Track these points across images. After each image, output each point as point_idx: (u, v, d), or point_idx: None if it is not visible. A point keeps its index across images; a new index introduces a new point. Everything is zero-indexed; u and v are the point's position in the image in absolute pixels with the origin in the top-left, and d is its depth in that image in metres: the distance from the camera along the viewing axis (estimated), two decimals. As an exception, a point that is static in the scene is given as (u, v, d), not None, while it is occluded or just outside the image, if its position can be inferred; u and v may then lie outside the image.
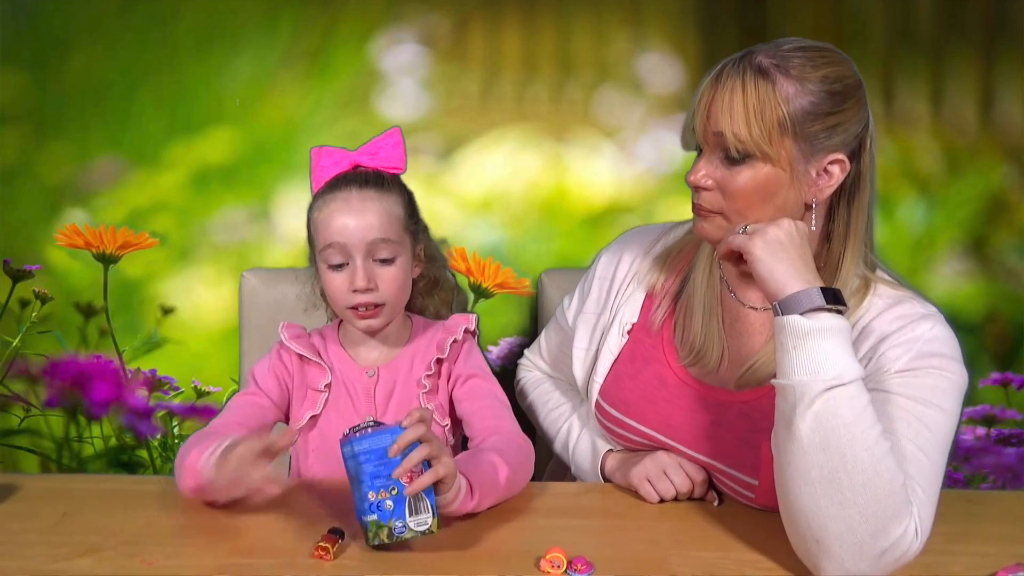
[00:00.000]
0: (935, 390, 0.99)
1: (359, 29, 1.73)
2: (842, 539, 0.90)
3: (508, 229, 1.76)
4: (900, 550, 0.91)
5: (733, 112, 0.97)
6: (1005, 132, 1.72)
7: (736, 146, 0.98)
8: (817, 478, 0.90)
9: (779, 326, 0.93)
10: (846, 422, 0.89)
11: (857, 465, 0.89)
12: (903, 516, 0.91)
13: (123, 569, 0.93)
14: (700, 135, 1.01)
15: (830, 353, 0.91)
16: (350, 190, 1.14)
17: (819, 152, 0.99)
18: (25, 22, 1.74)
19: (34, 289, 1.77)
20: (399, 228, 1.15)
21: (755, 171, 0.99)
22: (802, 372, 0.90)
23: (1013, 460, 1.75)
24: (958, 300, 1.73)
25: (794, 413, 0.90)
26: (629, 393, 1.16)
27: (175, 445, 1.81)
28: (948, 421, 0.99)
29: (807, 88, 0.97)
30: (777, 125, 0.96)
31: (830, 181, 1.00)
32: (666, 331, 1.16)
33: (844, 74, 0.99)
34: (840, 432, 0.89)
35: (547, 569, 0.92)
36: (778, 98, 0.96)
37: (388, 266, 1.14)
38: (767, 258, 0.94)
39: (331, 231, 1.13)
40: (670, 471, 1.11)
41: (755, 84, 0.97)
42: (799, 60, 0.98)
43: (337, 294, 1.14)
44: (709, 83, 1.01)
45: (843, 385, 0.90)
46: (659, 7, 1.71)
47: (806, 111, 0.97)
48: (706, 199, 1.02)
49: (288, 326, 1.22)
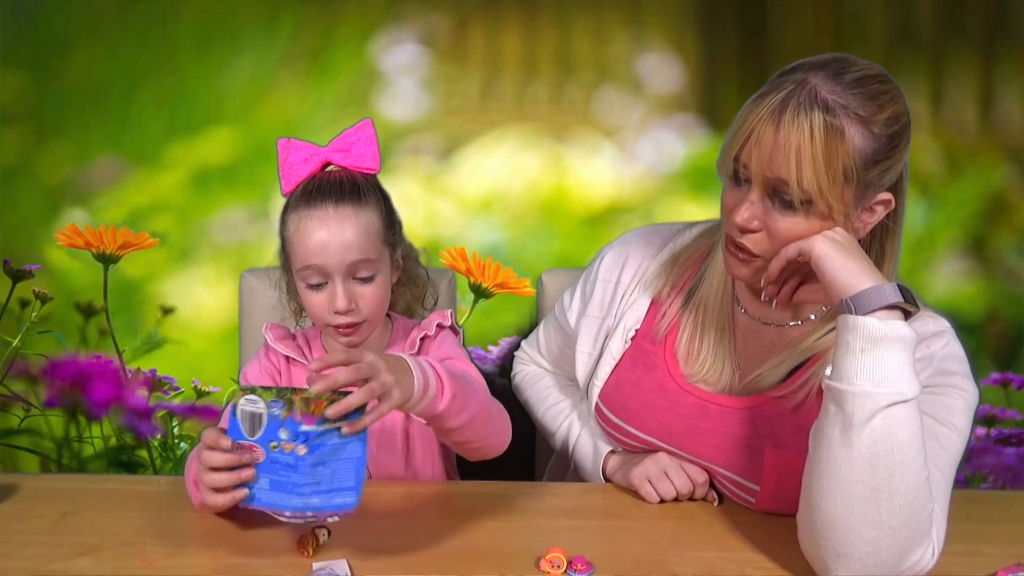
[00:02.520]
0: (951, 409, 0.98)
1: (359, 29, 1.73)
2: (867, 559, 0.89)
3: (508, 229, 1.76)
4: (916, 570, 0.91)
5: (802, 161, 0.91)
6: (1005, 132, 1.72)
7: (800, 196, 0.93)
8: (858, 494, 0.87)
9: (849, 324, 0.88)
10: (901, 442, 0.86)
11: (901, 487, 0.87)
12: (926, 540, 0.91)
13: (123, 569, 0.93)
14: (755, 173, 0.95)
15: (898, 366, 0.87)
16: (326, 207, 1.09)
17: (870, 192, 0.96)
18: (25, 22, 1.74)
19: (34, 289, 1.77)
20: (378, 244, 1.12)
21: (809, 218, 0.94)
22: (866, 380, 0.86)
23: (1013, 460, 1.75)
24: (958, 300, 1.73)
25: (850, 423, 0.87)
26: (629, 399, 1.15)
27: (175, 445, 1.81)
28: (960, 441, 0.99)
29: (872, 133, 0.92)
30: (842, 174, 0.92)
31: (872, 218, 0.98)
32: (670, 340, 1.14)
33: (901, 112, 0.95)
34: (893, 452, 0.86)
35: (547, 569, 0.92)
36: (847, 146, 0.91)
37: (368, 284, 1.11)
38: (833, 255, 0.91)
39: (308, 253, 1.09)
40: (671, 472, 1.11)
41: (824, 132, 0.91)
42: (862, 98, 0.92)
43: (317, 312, 1.12)
44: (769, 118, 0.93)
45: (905, 402, 0.86)
46: (659, 7, 1.71)
47: (868, 158, 0.93)
48: (752, 241, 0.98)
49: (272, 327, 1.22)
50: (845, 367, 0.88)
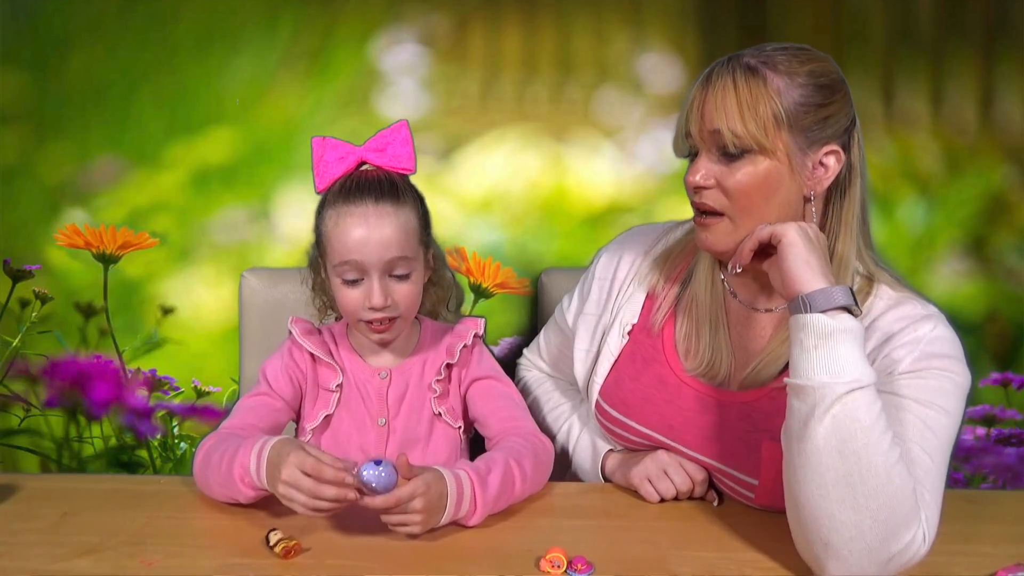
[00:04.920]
0: (939, 392, 0.98)
1: (359, 29, 1.73)
2: (852, 544, 0.90)
3: (508, 229, 1.76)
4: (908, 555, 0.91)
5: (727, 109, 0.99)
6: (1005, 132, 1.72)
7: (733, 141, 0.99)
8: (831, 481, 0.89)
9: (800, 323, 0.92)
10: (864, 426, 0.88)
11: (872, 470, 0.88)
12: (912, 522, 0.91)
13: (123, 569, 0.93)
14: (696, 136, 1.02)
15: (851, 355, 0.90)
16: (366, 204, 1.10)
17: (814, 144, 1.00)
18: (25, 22, 1.74)
19: (34, 289, 1.77)
20: (415, 242, 1.13)
21: (755, 166, 1.00)
22: (823, 373, 0.89)
23: (1013, 460, 1.75)
24: (958, 300, 1.73)
25: (812, 414, 0.89)
26: (630, 394, 1.16)
27: (175, 445, 1.81)
28: (951, 423, 0.99)
29: (796, 82, 0.99)
30: (772, 118, 0.98)
31: (827, 173, 1.02)
32: (667, 332, 1.16)
33: (828, 69, 1.02)
34: (858, 436, 0.88)
35: (547, 569, 0.92)
36: (770, 92, 0.98)
37: (404, 282, 1.12)
38: (801, 246, 0.94)
39: (347, 248, 1.10)
40: (670, 470, 1.11)
41: (746, 81, 0.99)
42: (784, 58, 1.00)
43: (351, 307, 1.13)
44: (699, 86, 1.02)
45: (862, 388, 0.89)
46: (659, 7, 1.71)
47: (798, 103, 0.99)
48: (708, 197, 1.03)
49: (298, 321, 1.21)
50: (802, 364, 0.91)
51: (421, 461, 1.16)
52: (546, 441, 1.15)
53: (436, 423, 1.19)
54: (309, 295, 1.23)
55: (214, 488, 1.06)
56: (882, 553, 0.90)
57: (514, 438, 1.12)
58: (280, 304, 1.47)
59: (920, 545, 0.91)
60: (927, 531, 0.92)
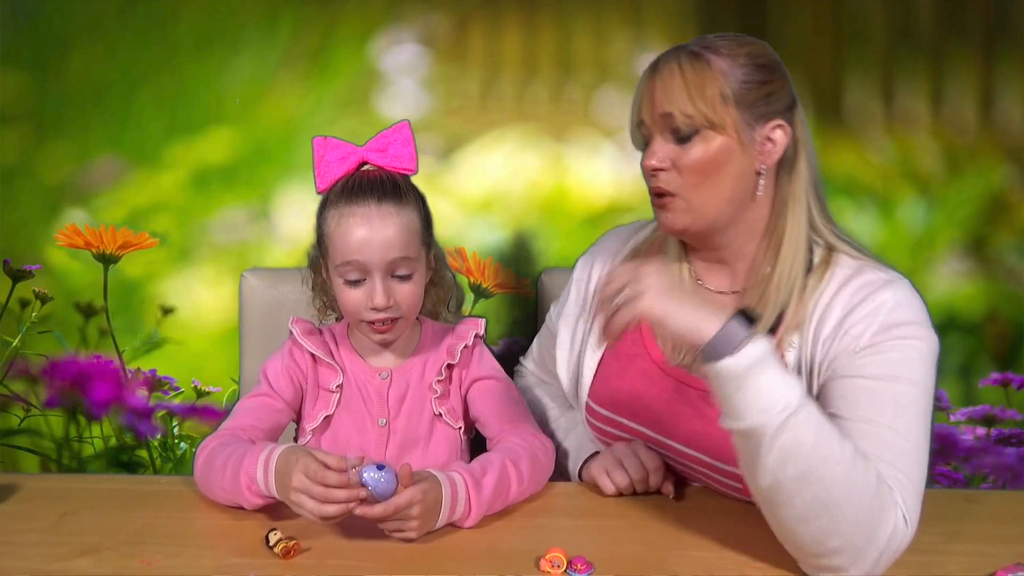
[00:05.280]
0: (901, 364, 0.98)
1: (359, 29, 1.73)
2: (842, 552, 0.90)
3: (508, 229, 1.76)
4: (895, 545, 0.91)
5: (676, 92, 1.03)
6: (1005, 132, 1.72)
7: (684, 122, 1.03)
8: (802, 506, 0.89)
9: (714, 373, 0.90)
10: (811, 446, 0.88)
11: (834, 481, 0.89)
12: (888, 511, 0.90)
13: (123, 569, 0.93)
14: (649, 121, 1.06)
15: (772, 383, 0.89)
16: (368, 205, 1.10)
17: (760, 119, 1.04)
18: (25, 22, 1.74)
19: (34, 289, 1.77)
20: (417, 243, 1.13)
21: (706, 144, 1.03)
22: (754, 412, 0.88)
23: (1013, 460, 1.75)
24: (958, 300, 1.73)
25: (759, 452, 0.89)
26: (617, 392, 1.17)
27: (175, 445, 1.81)
28: (921, 392, 0.98)
29: (738, 63, 1.04)
30: (719, 96, 1.02)
31: (775, 147, 1.05)
32: (645, 327, 1.16)
33: (766, 51, 1.07)
34: (809, 457, 0.88)
35: (547, 569, 0.92)
36: (714, 72, 1.03)
37: (406, 282, 1.12)
38: (671, 311, 0.92)
39: (350, 249, 1.10)
40: (626, 460, 1.12)
41: (691, 65, 1.03)
42: (724, 43, 1.05)
43: (353, 308, 1.13)
44: (647, 76, 1.07)
45: (795, 411, 0.88)
46: (659, 7, 1.71)
47: (741, 81, 1.03)
48: (663, 179, 1.06)
49: (298, 321, 1.21)
50: (731, 410, 0.90)
51: (421, 461, 1.16)
52: (546, 441, 1.15)
53: (436, 423, 1.19)
54: (309, 295, 1.23)
55: (217, 493, 1.06)
56: (871, 551, 0.90)
57: (513, 439, 1.12)
58: (280, 304, 1.47)
59: (903, 529, 0.91)
60: (907, 513, 0.92)
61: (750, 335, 0.89)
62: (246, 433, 1.11)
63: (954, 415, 1.76)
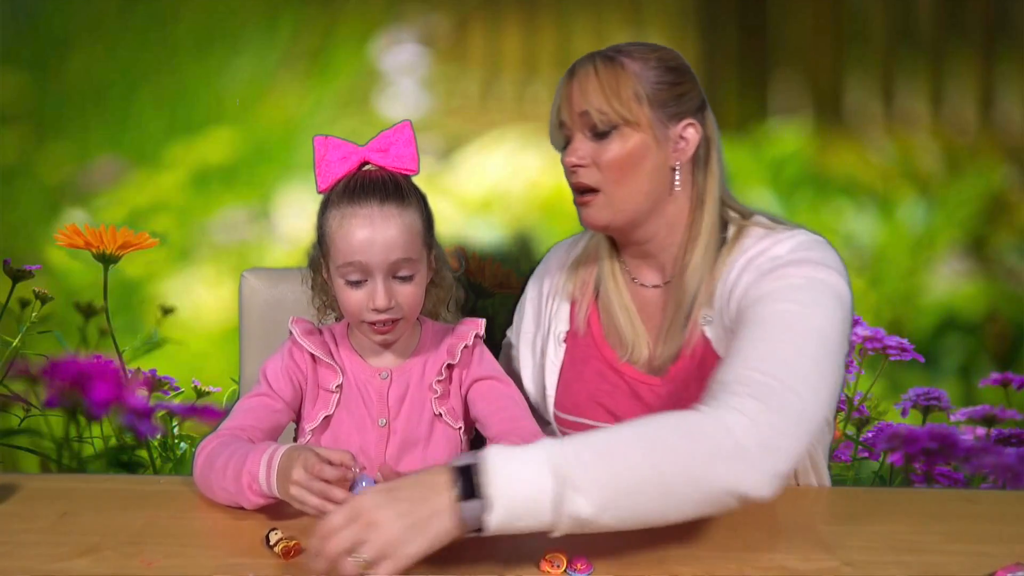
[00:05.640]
0: (781, 290, 0.99)
1: (359, 29, 1.73)
2: (714, 480, 0.87)
3: (508, 229, 1.76)
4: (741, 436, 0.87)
5: (592, 92, 1.09)
6: (1005, 132, 1.72)
7: (601, 120, 1.09)
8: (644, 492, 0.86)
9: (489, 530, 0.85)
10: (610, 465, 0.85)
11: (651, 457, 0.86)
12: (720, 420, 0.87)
13: (123, 569, 0.93)
14: (568, 121, 1.12)
15: (530, 473, 0.84)
16: (371, 205, 1.09)
17: (673, 118, 1.10)
18: (25, 22, 1.74)
19: (34, 289, 1.77)
20: (419, 244, 1.12)
21: (623, 140, 1.09)
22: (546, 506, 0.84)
23: (1013, 460, 1.75)
24: (958, 300, 1.73)
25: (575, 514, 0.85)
26: (578, 394, 1.20)
27: (175, 445, 1.81)
28: (812, 313, 0.96)
29: (649, 65, 1.10)
30: (633, 95, 1.08)
31: (688, 145, 1.11)
32: (595, 329, 1.21)
33: (675, 55, 1.13)
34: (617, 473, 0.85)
35: (547, 569, 0.92)
36: (628, 74, 1.09)
37: (407, 283, 1.12)
38: (417, 538, 0.84)
39: (352, 249, 1.09)
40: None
41: (605, 67, 1.10)
42: (635, 48, 1.12)
43: (354, 308, 1.12)
44: (564, 80, 1.13)
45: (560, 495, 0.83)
46: (659, 7, 1.71)
47: (653, 82, 1.09)
48: (584, 175, 1.11)
49: (298, 321, 1.21)
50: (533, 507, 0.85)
51: (421, 461, 1.16)
52: None
53: (437, 424, 1.19)
54: (309, 295, 1.23)
55: (218, 493, 1.06)
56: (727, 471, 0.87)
57: (513, 439, 1.12)
58: (280, 304, 1.47)
59: (742, 420, 0.87)
60: (744, 408, 0.88)
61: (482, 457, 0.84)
62: (245, 433, 1.11)
63: (954, 415, 1.76)
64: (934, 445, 1.72)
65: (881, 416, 1.78)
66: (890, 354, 1.72)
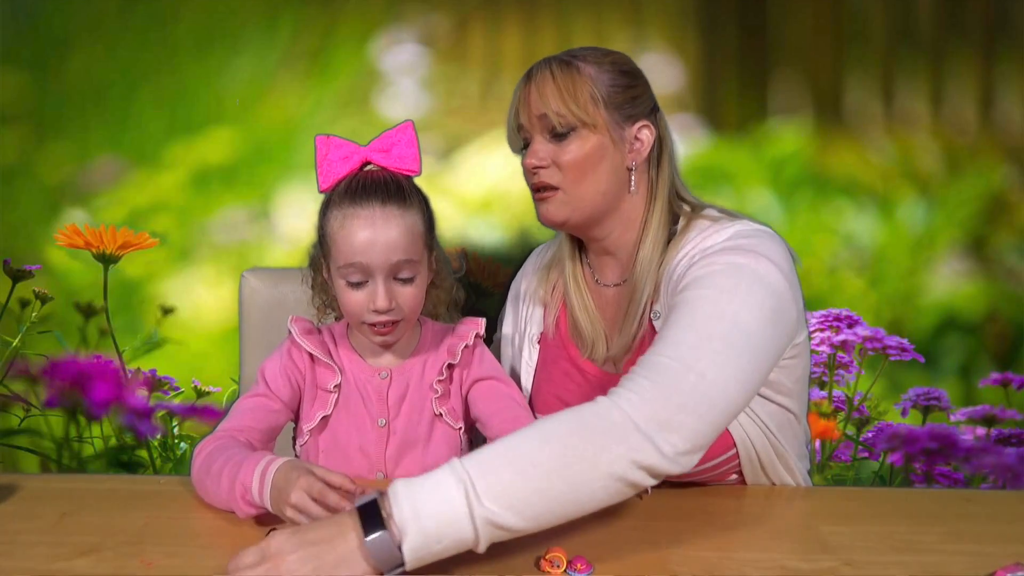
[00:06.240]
0: (701, 278, 1.00)
1: (359, 29, 1.73)
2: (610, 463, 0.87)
3: (508, 229, 1.76)
4: (620, 416, 0.88)
5: (550, 95, 1.12)
6: (1005, 132, 1.72)
7: (559, 122, 1.12)
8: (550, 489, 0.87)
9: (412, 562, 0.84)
10: (511, 470, 0.85)
11: (546, 451, 0.87)
12: (611, 407, 0.88)
13: (123, 569, 0.93)
14: (527, 124, 1.15)
15: (437, 493, 0.84)
16: (373, 206, 1.09)
17: (628, 119, 1.14)
18: (25, 22, 1.74)
19: (34, 289, 1.77)
20: (420, 245, 1.12)
21: (582, 141, 1.12)
22: (460, 523, 0.85)
23: (1013, 460, 1.75)
24: (958, 300, 1.73)
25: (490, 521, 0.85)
26: (548, 396, 1.23)
27: (175, 445, 1.81)
28: (722, 296, 0.96)
29: (604, 69, 1.13)
30: (589, 98, 1.12)
31: (643, 145, 1.15)
32: (563, 330, 1.25)
33: (627, 59, 1.17)
34: (519, 472, 0.86)
35: (547, 569, 0.92)
36: (584, 77, 1.12)
37: (408, 285, 1.11)
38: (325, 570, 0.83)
39: (353, 251, 1.09)
40: None
41: (562, 71, 1.13)
42: (589, 53, 1.15)
43: (355, 309, 1.12)
44: (521, 84, 1.16)
45: (470, 482, 0.84)
46: (659, 7, 1.71)
47: (608, 85, 1.13)
48: (545, 175, 1.14)
49: (297, 320, 1.20)
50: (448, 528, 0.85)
51: (421, 462, 1.16)
52: None
53: (437, 424, 1.19)
54: (309, 294, 1.23)
55: (213, 498, 1.06)
56: (623, 448, 0.87)
57: None
58: (280, 304, 1.47)
59: (627, 411, 0.88)
60: (632, 395, 0.89)
61: (383, 521, 0.83)
62: (243, 435, 1.11)
63: (954, 415, 1.76)
64: (934, 445, 1.72)
65: (881, 416, 1.78)
66: (890, 354, 1.72)
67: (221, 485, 1.03)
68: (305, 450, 1.20)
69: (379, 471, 1.16)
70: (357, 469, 1.15)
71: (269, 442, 1.16)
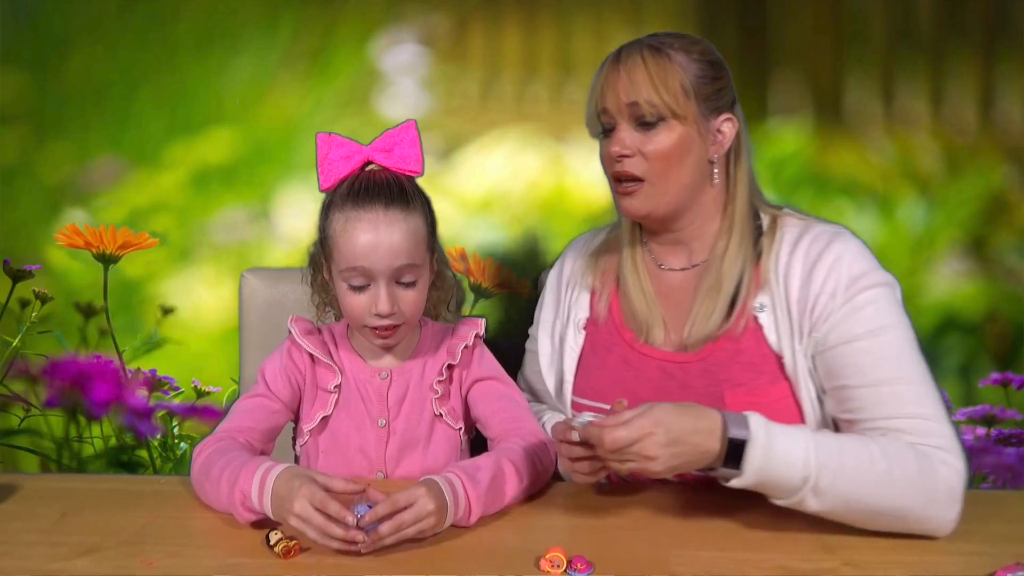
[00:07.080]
0: (879, 313, 1.06)
1: (359, 29, 1.73)
2: (916, 525, 0.99)
3: (508, 229, 1.76)
4: (953, 488, 0.98)
5: (641, 82, 1.10)
6: (1005, 132, 1.72)
7: (650, 111, 1.10)
8: (861, 520, 0.99)
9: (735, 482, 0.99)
10: (844, 493, 0.97)
11: (880, 496, 0.97)
12: (932, 473, 0.98)
13: (123, 569, 0.93)
14: (613, 110, 1.12)
15: (787, 470, 0.97)
16: (376, 210, 1.07)
17: (713, 112, 1.13)
18: (25, 22, 1.74)
19: (34, 289, 1.77)
20: (423, 249, 1.11)
21: (670, 131, 1.11)
22: (785, 496, 0.99)
23: (1013, 460, 1.75)
24: (958, 300, 1.73)
25: (804, 507, 0.99)
26: (599, 380, 1.20)
27: (175, 445, 1.81)
28: (902, 330, 1.06)
29: (692, 58, 1.12)
30: (680, 88, 1.10)
31: (725, 138, 1.14)
32: (615, 315, 1.22)
33: (713, 49, 1.15)
34: (848, 498, 0.97)
35: (547, 569, 0.92)
36: (675, 66, 1.10)
37: (410, 288, 1.11)
38: (679, 465, 0.98)
39: (356, 255, 1.08)
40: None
41: (653, 58, 1.10)
42: (676, 40, 1.13)
43: (356, 313, 1.11)
44: (610, 66, 1.13)
45: (812, 480, 0.97)
46: (659, 7, 1.71)
47: (698, 75, 1.11)
48: (629, 164, 1.12)
49: (297, 320, 1.20)
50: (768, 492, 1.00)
51: (421, 462, 1.16)
52: (547, 441, 1.15)
53: (437, 424, 1.18)
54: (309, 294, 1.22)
55: (212, 502, 1.05)
56: (937, 510, 0.98)
57: (513, 438, 1.12)
58: (280, 304, 1.47)
59: (951, 470, 0.99)
60: (947, 453, 1.00)
61: (751, 442, 0.97)
62: (243, 435, 1.11)
63: (954, 415, 1.76)
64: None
65: (881, 416, 1.77)
66: (890, 354, 1.71)
67: (220, 490, 1.02)
68: (305, 450, 1.19)
69: (379, 471, 1.16)
70: (357, 469, 1.15)
71: (269, 442, 1.16)
